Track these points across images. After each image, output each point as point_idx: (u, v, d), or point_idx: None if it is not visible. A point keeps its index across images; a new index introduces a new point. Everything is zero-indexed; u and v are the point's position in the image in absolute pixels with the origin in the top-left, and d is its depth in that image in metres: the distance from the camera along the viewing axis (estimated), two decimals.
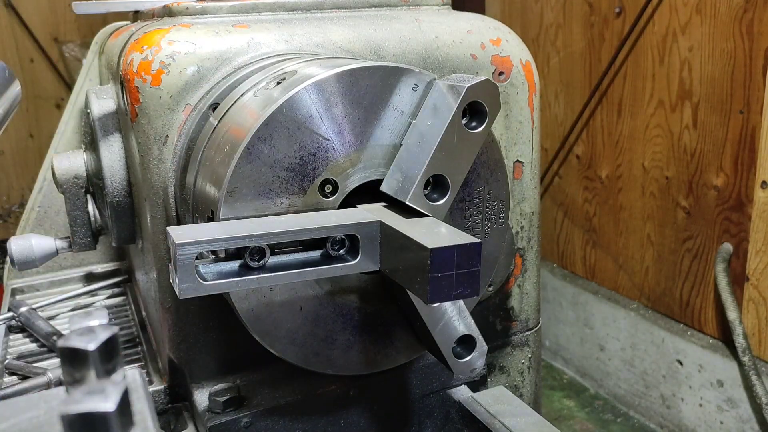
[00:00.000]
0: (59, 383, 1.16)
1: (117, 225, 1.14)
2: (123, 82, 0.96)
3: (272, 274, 0.75)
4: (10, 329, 1.41)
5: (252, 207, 0.79)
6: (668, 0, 2.33)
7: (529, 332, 1.23)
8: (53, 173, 1.23)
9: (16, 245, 1.30)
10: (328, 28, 1.04)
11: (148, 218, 0.99)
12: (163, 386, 1.07)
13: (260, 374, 1.03)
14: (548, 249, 3.10)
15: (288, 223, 0.76)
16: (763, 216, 2.07)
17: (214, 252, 0.77)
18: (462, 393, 1.10)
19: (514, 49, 1.11)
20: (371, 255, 0.79)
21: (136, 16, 1.41)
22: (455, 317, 0.87)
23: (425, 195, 0.81)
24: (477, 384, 1.14)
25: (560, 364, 3.08)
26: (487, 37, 1.09)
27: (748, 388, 2.19)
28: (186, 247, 0.70)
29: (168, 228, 0.75)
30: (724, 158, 2.22)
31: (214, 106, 0.93)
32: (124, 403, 0.32)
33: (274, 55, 0.98)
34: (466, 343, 0.89)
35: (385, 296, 0.90)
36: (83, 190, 1.24)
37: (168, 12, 1.08)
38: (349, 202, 0.84)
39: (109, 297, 1.58)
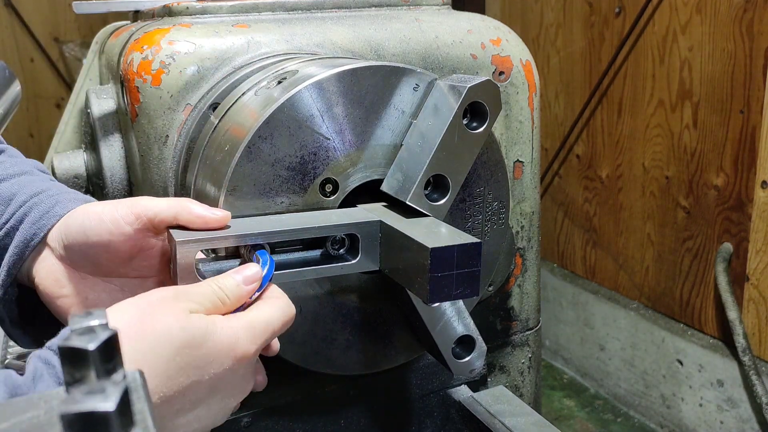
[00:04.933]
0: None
1: None
2: (123, 82, 0.96)
3: None
4: None
5: (252, 206, 0.79)
6: (668, 0, 2.33)
7: (529, 332, 1.23)
8: (53, 173, 1.23)
9: None
10: (328, 27, 1.04)
11: None
12: None
13: None
14: (548, 249, 3.10)
15: (288, 222, 0.76)
16: (763, 216, 2.07)
17: (214, 251, 0.77)
18: (462, 393, 1.10)
19: (514, 49, 1.11)
20: (371, 254, 0.79)
21: (136, 16, 1.41)
22: (455, 317, 0.87)
23: (426, 195, 0.81)
24: (477, 384, 1.13)
25: (560, 364, 3.08)
26: (487, 37, 1.09)
27: (748, 387, 2.19)
28: (186, 245, 0.70)
29: (168, 227, 0.75)
30: (725, 158, 2.22)
31: (214, 106, 0.93)
32: (125, 403, 0.32)
33: (275, 55, 0.98)
34: (465, 343, 0.89)
35: (385, 296, 0.90)
36: (83, 189, 1.24)
37: (168, 12, 1.08)
38: (349, 201, 0.84)
39: None
